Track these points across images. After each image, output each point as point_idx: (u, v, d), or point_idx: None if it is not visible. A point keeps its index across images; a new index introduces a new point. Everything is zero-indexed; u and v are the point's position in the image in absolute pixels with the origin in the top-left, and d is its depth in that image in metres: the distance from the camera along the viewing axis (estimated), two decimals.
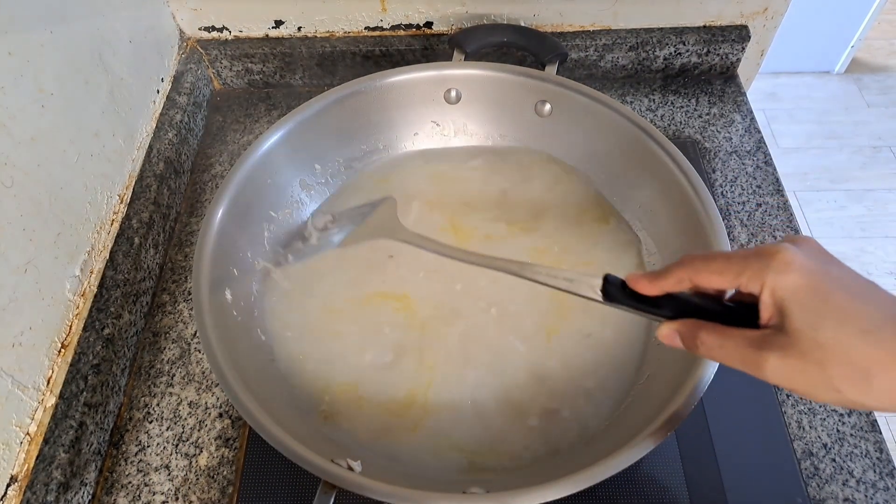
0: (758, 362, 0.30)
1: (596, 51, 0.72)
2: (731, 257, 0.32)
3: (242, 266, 0.53)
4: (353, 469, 0.40)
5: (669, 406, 0.40)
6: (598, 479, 0.37)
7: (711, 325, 0.32)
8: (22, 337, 0.46)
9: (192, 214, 0.67)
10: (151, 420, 0.53)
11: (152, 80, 0.67)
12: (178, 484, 0.50)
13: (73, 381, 0.50)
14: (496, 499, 0.37)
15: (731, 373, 0.37)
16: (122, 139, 0.61)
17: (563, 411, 0.49)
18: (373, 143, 0.63)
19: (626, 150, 0.56)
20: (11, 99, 0.46)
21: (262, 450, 0.50)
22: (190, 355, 0.56)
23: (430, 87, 0.62)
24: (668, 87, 0.75)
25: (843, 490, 0.48)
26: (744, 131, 0.70)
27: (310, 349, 0.52)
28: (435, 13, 0.71)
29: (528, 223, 0.59)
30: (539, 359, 0.51)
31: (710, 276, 0.32)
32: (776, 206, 0.64)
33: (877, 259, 1.62)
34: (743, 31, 0.72)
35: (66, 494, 0.46)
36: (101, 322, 0.53)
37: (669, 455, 0.49)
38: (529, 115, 0.62)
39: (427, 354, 0.51)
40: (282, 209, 0.58)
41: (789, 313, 0.29)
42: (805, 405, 0.51)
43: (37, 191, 0.48)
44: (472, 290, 0.54)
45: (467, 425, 0.48)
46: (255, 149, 0.54)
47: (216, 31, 0.74)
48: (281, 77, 0.76)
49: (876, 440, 0.49)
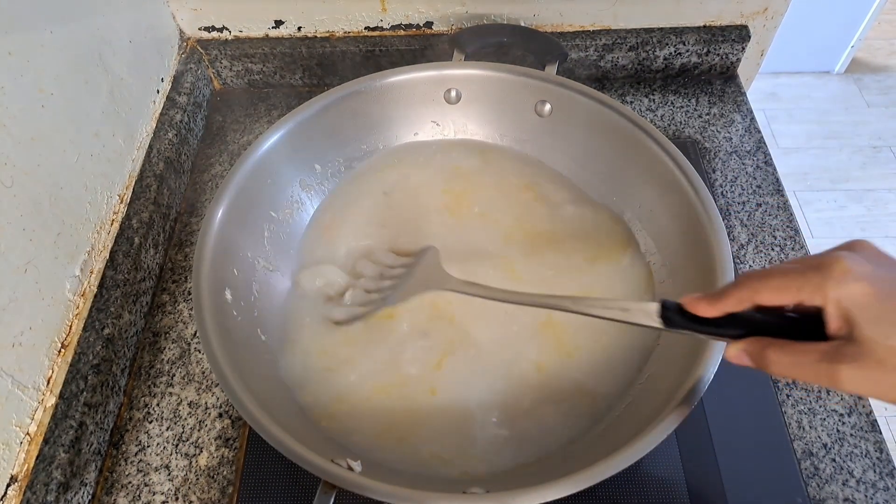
0: (833, 376, 0.29)
1: (596, 51, 0.72)
2: (788, 273, 0.31)
3: (242, 266, 0.53)
4: (353, 469, 0.39)
5: (669, 406, 0.40)
6: (598, 478, 0.37)
7: (779, 343, 0.32)
8: (22, 337, 0.46)
9: (193, 214, 0.66)
10: (151, 420, 0.53)
11: (152, 80, 0.67)
12: (178, 484, 0.50)
13: (73, 381, 0.50)
14: (496, 499, 0.37)
15: (732, 373, 0.37)
16: (122, 139, 0.61)
17: (564, 411, 0.48)
18: (373, 143, 0.63)
19: (626, 150, 0.56)
20: (11, 99, 0.46)
21: (262, 450, 0.50)
22: (190, 355, 0.56)
23: (430, 87, 0.62)
24: (668, 86, 0.75)
25: (844, 490, 0.48)
26: (744, 131, 0.70)
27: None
28: (435, 13, 0.71)
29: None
30: (540, 359, 0.51)
31: (771, 294, 0.31)
32: (776, 206, 0.64)
33: None
34: (743, 30, 0.72)
35: (66, 494, 0.46)
36: (101, 322, 0.53)
37: (669, 455, 0.49)
38: (529, 115, 0.62)
39: (428, 354, 0.51)
40: (282, 209, 0.58)
41: (858, 323, 0.29)
42: (805, 405, 0.51)
43: (37, 191, 0.48)
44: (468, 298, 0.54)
45: (468, 425, 0.48)
46: (255, 149, 0.54)
47: (216, 31, 0.74)
48: (281, 77, 0.76)
49: (876, 440, 0.49)
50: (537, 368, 0.50)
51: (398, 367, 0.51)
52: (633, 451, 0.38)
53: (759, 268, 0.59)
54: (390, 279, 0.54)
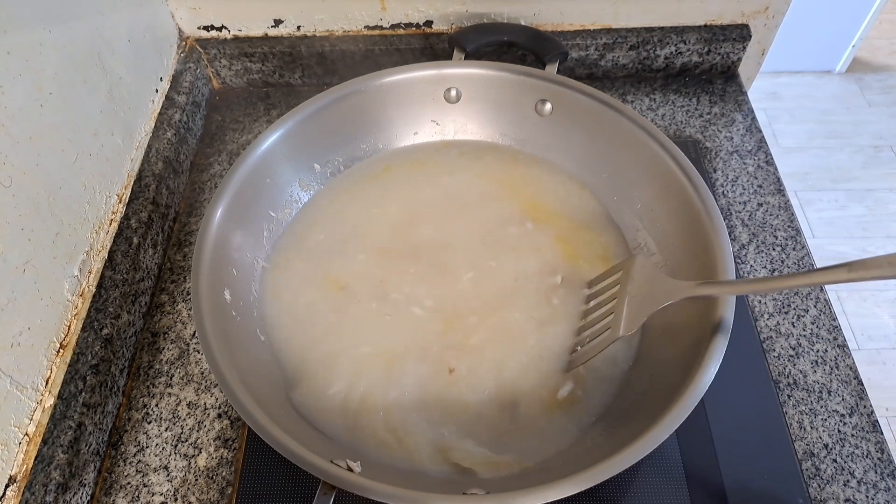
0: None
1: (597, 50, 0.72)
2: None
3: (242, 266, 0.53)
4: (352, 470, 0.39)
5: (670, 406, 0.39)
6: (598, 479, 0.37)
7: None
8: (20, 337, 0.46)
9: (191, 214, 0.66)
10: (150, 420, 0.53)
11: (151, 80, 0.67)
12: (176, 485, 0.50)
13: (72, 381, 0.50)
14: (496, 499, 0.37)
15: (733, 374, 0.37)
16: (120, 138, 0.60)
17: (565, 411, 0.48)
18: (372, 142, 0.63)
19: (626, 149, 0.56)
20: (10, 98, 0.46)
21: (262, 450, 0.50)
22: (189, 356, 0.56)
23: (430, 87, 0.62)
24: (669, 86, 0.75)
25: (845, 491, 0.47)
26: (745, 131, 0.70)
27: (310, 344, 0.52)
28: (435, 12, 0.71)
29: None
30: (539, 359, 0.51)
31: None
32: (777, 205, 0.64)
33: None
34: (744, 30, 0.72)
35: (64, 495, 0.46)
36: (100, 322, 0.53)
37: (670, 455, 0.49)
38: (530, 115, 0.61)
39: (427, 354, 0.51)
40: (281, 209, 0.58)
41: None
42: (806, 405, 0.51)
43: (35, 190, 0.48)
44: (469, 297, 0.54)
45: (468, 425, 0.48)
46: (255, 148, 0.54)
47: (215, 31, 0.73)
48: (280, 76, 0.76)
49: (877, 440, 0.49)
50: (539, 371, 0.50)
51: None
52: (633, 451, 0.38)
53: (760, 268, 0.59)
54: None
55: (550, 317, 0.52)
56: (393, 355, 0.51)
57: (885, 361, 1.44)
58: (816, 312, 0.56)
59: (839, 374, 0.53)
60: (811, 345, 0.54)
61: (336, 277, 0.55)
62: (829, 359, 0.53)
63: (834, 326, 0.55)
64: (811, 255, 0.60)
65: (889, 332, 1.49)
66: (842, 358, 0.53)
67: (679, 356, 0.45)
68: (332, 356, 0.51)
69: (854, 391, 0.52)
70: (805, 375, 0.53)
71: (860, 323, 1.50)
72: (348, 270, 0.56)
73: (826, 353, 0.54)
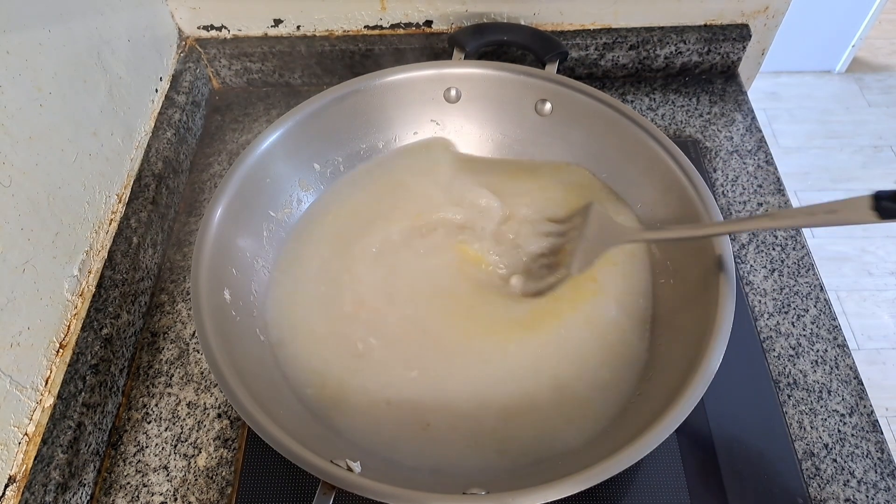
0: None
1: (596, 49, 0.72)
2: None
3: (241, 266, 0.53)
4: (352, 470, 0.39)
5: (670, 406, 0.39)
6: (598, 479, 0.37)
7: None
8: (20, 337, 0.46)
9: (191, 214, 0.66)
10: (150, 420, 0.53)
11: (151, 79, 0.67)
12: (176, 485, 0.50)
13: (72, 381, 0.50)
14: (496, 499, 0.37)
15: (733, 374, 0.37)
16: (120, 138, 0.60)
17: (565, 411, 0.48)
18: (372, 141, 0.63)
19: (626, 149, 0.56)
20: (9, 98, 0.46)
21: (261, 450, 0.50)
22: (188, 355, 0.56)
23: (430, 86, 0.61)
24: (669, 86, 0.75)
25: (845, 490, 0.47)
26: (745, 130, 0.70)
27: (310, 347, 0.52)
28: (434, 12, 0.71)
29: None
30: (540, 359, 0.51)
31: None
32: (777, 205, 0.64)
33: (878, 259, 1.61)
34: (744, 29, 0.72)
35: (64, 495, 0.46)
36: (100, 322, 0.53)
37: (670, 455, 0.49)
38: (530, 114, 0.61)
39: (429, 353, 0.51)
40: (281, 208, 0.58)
41: None
42: (806, 405, 0.51)
43: (35, 190, 0.48)
44: (470, 291, 0.54)
45: (468, 425, 0.48)
46: (254, 148, 0.54)
47: (215, 30, 0.73)
48: (280, 76, 0.76)
49: (877, 440, 0.49)
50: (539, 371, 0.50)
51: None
52: (633, 451, 0.38)
53: (760, 268, 0.59)
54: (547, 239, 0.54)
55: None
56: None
57: (885, 361, 1.44)
58: (816, 312, 0.56)
59: (839, 373, 0.53)
60: (811, 345, 0.54)
61: (336, 277, 0.55)
62: (829, 359, 0.54)
63: (834, 326, 0.55)
64: (811, 255, 0.60)
65: (889, 332, 1.49)
66: (842, 358, 0.53)
67: (680, 356, 0.45)
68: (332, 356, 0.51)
69: (854, 391, 0.52)
70: (805, 375, 0.53)
71: (860, 323, 1.50)
72: (349, 270, 0.56)
73: (826, 352, 0.54)
